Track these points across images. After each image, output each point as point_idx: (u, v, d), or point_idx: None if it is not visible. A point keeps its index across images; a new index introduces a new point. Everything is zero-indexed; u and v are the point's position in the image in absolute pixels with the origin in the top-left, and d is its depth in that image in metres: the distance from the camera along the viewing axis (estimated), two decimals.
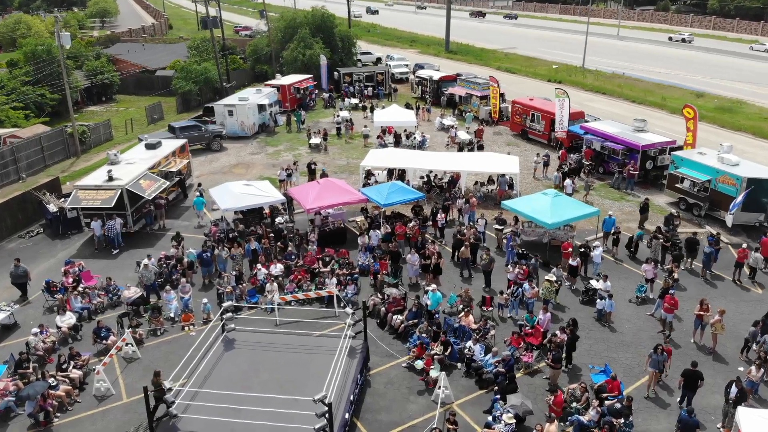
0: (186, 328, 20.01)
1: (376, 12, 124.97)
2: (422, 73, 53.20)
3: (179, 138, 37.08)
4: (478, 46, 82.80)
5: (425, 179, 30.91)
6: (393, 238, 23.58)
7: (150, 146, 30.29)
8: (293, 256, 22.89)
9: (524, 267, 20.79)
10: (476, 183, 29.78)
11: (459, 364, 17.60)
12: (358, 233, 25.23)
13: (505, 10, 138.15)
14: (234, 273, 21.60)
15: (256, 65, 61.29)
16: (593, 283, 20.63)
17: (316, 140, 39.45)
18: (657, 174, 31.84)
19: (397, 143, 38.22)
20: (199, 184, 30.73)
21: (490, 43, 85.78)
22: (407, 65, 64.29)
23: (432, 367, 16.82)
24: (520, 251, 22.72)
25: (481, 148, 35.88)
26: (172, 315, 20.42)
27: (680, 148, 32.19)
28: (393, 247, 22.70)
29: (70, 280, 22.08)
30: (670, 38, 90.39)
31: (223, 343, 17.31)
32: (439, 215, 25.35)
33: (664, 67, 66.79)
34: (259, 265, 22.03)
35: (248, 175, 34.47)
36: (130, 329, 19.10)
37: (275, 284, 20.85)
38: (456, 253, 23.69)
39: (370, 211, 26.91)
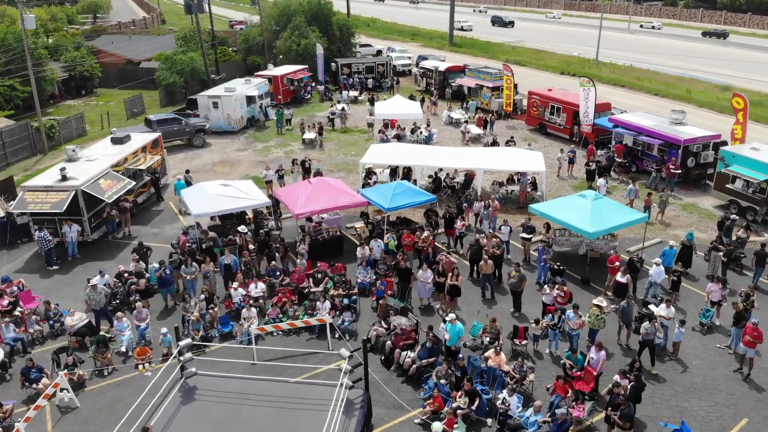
0: (140, 366, 15.90)
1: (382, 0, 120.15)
2: (427, 63, 49.06)
3: (156, 132, 33.07)
4: (483, 39, 78.64)
5: (433, 177, 26.83)
6: (400, 251, 19.42)
7: (116, 141, 26.15)
8: (278, 273, 18.75)
9: (565, 288, 16.67)
10: (494, 183, 25.67)
11: (489, 420, 13.49)
12: (357, 243, 21.15)
13: (507, 6, 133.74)
14: (203, 295, 17.43)
15: (247, 57, 57.12)
16: (653, 308, 16.48)
17: (310, 135, 35.33)
18: (700, 173, 27.76)
19: (399, 139, 34.06)
20: (187, 171, 27.40)
21: (496, 36, 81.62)
22: (410, 57, 60.17)
23: (455, 427, 12.70)
24: (556, 266, 18.61)
25: (495, 143, 31.63)
26: (123, 349, 16.30)
27: (725, 143, 28.10)
28: (401, 259, 18.53)
29: (5, 302, 17.98)
30: (641, 26, 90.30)
31: (181, 393, 13.18)
32: (457, 222, 21.18)
33: (681, 60, 62.66)
34: (235, 284, 17.91)
35: (232, 174, 30.34)
36: (66, 370, 14.97)
37: (254, 310, 16.71)
38: (475, 268, 19.61)
39: (372, 216, 22.80)
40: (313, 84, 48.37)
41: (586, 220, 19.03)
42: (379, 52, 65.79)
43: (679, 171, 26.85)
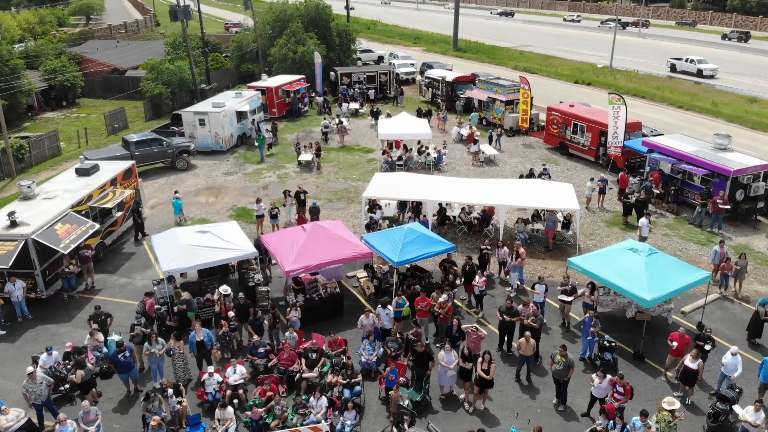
0: None
1: (388, 2, 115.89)
2: (433, 73, 45.53)
3: (134, 154, 29.65)
4: (489, 43, 75.19)
5: (438, 209, 23.38)
6: (413, 321, 15.92)
7: (82, 172, 22.65)
8: (263, 350, 15.24)
9: (626, 384, 13.19)
10: (519, 221, 22.22)
11: None
12: (359, 297, 17.69)
13: (509, 6, 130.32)
14: (169, 390, 13.82)
15: (241, 64, 53.60)
16: (738, 411, 13.02)
17: (306, 156, 31.84)
18: (749, 207, 24.32)
19: (404, 163, 30.61)
20: (176, 192, 25.05)
21: (501, 40, 78.17)
22: (413, 64, 56.69)
23: None
24: (606, 343, 15.14)
25: (530, 174, 27.40)
26: None
27: None
28: (415, 335, 15.09)
29: None
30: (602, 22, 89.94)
31: None
32: (476, 278, 17.68)
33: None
34: (210, 369, 14.41)
35: (218, 205, 26.87)
36: None
37: (230, 409, 13.19)
38: (505, 339, 16.18)
39: (377, 266, 19.32)
40: (312, 94, 44.89)
41: (641, 284, 15.58)
42: (380, 59, 62.39)
43: (728, 207, 23.41)
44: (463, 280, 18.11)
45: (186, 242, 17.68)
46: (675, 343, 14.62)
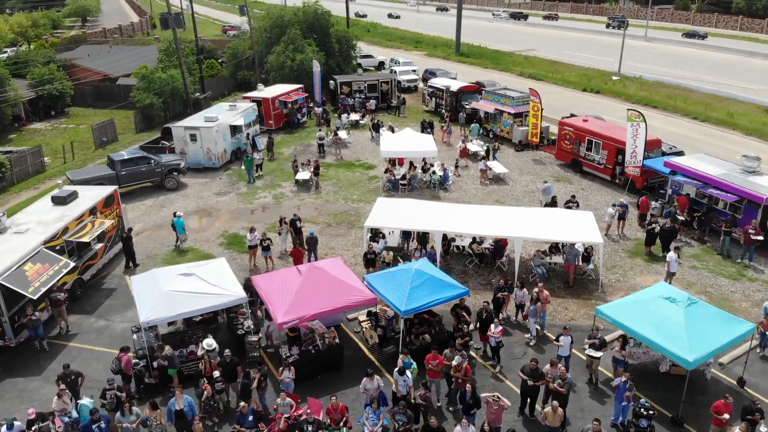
0: None
1: (398, 17, 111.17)
2: (436, 82, 43.63)
3: (120, 174, 27.83)
4: (492, 47, 73.33)
5: (443, 239, 21.49)
6: (422, 383, 14.04)
7: (58, 200, 20.77)
8: (251, 418, 13.35)
9: None
10: (537, 253, 20.35)
11: None
12: (361, 344, 15.81)
13: (511, 8, 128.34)
14: None
15: (237, 71, 51.69)
16: None
17: (304, 175, 29.97)
18: None
19: (409, 182, 28.82)
20: (175, 213, 23.76)
21: (504, 44, 76.32)
22: (415, 71, 54.84)
23: None
24: (643, 411, 13.27)
25: (553, 202, 25.06)
26: None
27: None
28: (424, 399, 13.24)
29: None
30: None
31: None
32: (492, 327, 15.78)
33: (710, 73, 57.40)
34: None
35: (207, 231, 25.00)
36: None
37: None
38: (528, 402, 14.32)
39: (380, 309, 17.44)
40: (310, 105, 43.01)
41: (681, 342, 13.72)
42: (381, 64, 60.61)
43: (761, 237, 21.54)
44: (478, 327, 16.23)
45: (167, 287, 15.79)
46: (726, 416, 12.77)
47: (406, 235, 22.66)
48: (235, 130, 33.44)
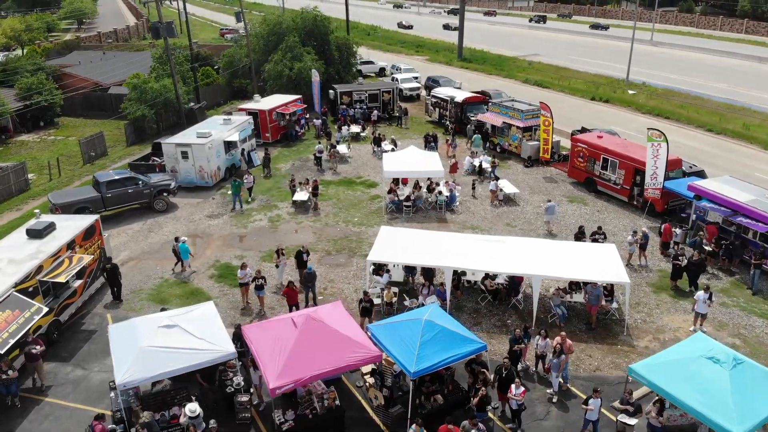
0: None
1: (410, 27, 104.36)
2: (440, 91, 41.87)
3: (105, 196, 26.12)
4: (494, 52, 71.66)
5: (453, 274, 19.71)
6: None
7: (33, 234, 19.04)
8: None
9: None
10: (557, 292, 18.63)
11: None
12: (364, 402, 14.09)
13: (513, 12, 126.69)
14: None
15: (233, 79, 49.92)
16: None
17: (302, 195, 28.23)
18: None
19: (412, 203, 27.10)
20: (176, 238, 22.23)
21: (507, 48, 74.65)
22: (417, 78, 53.11)
23: None
24: None
25: (581, 234, 22.85)
26: None
27: None
28: None
29: None
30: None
31: None
32: (513, 387, 14.03)
33: (721, 81, 55.70)
34: None
35: (198, 260, 23.23)
36: None
37: None
38: None
39: (386, 369, 15.63)
40: (308, 116, 41.25)
41: (728, 412, 12.02)
42: (382, 71, 58.92)
43: None
44: (497, 386, 14.51)
45: (146, 343, 14.05)
46: None
47: (409, 268, 20.93)
48: (229, 146, 31.71)
